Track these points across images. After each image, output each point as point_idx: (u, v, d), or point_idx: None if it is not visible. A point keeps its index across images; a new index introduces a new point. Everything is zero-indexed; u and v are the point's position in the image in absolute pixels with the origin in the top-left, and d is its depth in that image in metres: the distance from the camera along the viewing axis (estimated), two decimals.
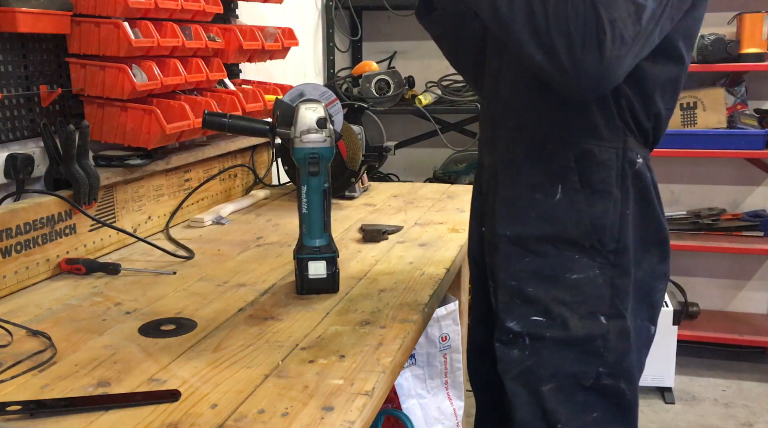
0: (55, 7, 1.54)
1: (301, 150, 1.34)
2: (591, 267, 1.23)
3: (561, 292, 1.24)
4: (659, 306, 1.34)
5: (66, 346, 1.16)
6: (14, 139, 1.55)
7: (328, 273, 1.38)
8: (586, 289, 1.23)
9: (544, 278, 1.26)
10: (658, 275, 1.32)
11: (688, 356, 3.57)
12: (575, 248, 1.24)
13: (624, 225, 1.24)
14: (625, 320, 1.24)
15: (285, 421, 0.93)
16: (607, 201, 1.23)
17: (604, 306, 1.23)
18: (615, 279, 1.24)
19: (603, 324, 1.23)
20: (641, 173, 1.25)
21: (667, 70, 1.22)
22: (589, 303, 1.23)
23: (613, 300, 1.24)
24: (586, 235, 1.23)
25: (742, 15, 3.22)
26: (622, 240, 1.23)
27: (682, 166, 3.68)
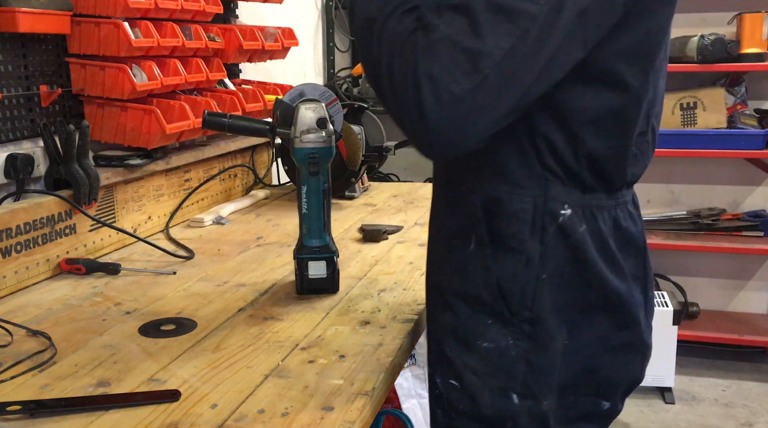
0: (55, 7, 1.54)
1: (301, 150, 1.34)
2: (503, 336, 1.04)
3: (473, 360, 1.07)
4: (620, 381, 1.11)
5: (66, 346, 1.16)
6: (14, 139, 1.55)
7: (328, 273, 1.38)
8: (497, 362, 1.05)
9: (459, 340, 1.09)
10: (614, 346, 1.08)
11: (688, 356, 3.58)
12: (487, 311, 1.05)
13: (540, 291, 1.02)
14: (541, 403, 1.05)
15: (285, 421, 0.93)
16: (517, 261, 1.03)
17: (516, 384, 1.05)
18: (530, 353, 1.04)
19: (515, 404, 1.05)
20: (569, 227, 1.02)
21: (601, 100, 0.98)
22: (500, 378, 1.05)
23: (527, 379, 1.05)
24: (494, 299, 1.04)
25: (742, 15, 3.23)
26: (537, 308, 1.03)
27: (682, 166, 3.68)
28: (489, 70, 0.87)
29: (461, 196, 1.08)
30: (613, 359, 1.09)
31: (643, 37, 0.99)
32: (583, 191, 1.03)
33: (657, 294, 3.35)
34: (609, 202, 1.06)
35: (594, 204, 1.04)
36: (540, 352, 1.04)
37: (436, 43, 0.88)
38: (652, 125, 1.08)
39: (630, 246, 1.09)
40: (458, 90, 0.87)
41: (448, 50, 0.87)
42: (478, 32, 0.87)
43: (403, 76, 0.89)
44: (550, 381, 1.06)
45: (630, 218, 1.10)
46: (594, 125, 1.00)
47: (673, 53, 3.30)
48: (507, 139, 1.00)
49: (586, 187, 1.03)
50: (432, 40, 0.89)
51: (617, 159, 1.03)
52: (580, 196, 1.03)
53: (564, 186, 1.02)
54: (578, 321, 1.05)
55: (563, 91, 0.96)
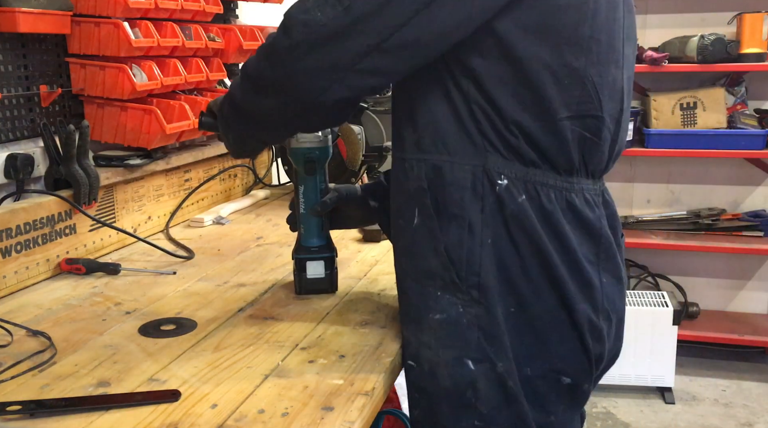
0: (55, 7, 1.54)
1: (297, 150, 1.34)
2: (454, 305, 1.07)
3: (426, 335, 1.10)
4: (575, 358, 1.11)
5: (66, 346, 1.16)
6: (14, 139, 1.55)
7: (326, 274, 1.38)
8: (450, 331, 1.08)
9: (411, 320, 1.13)
10: (558, 322, 1.09)
11: (688, 356, 3.58)
12: (436, 283, 1.08)
13: (484, 257, 1.05)
14: (495, 365, 1.07)
15: (285, 421, 0.93)
16: (461, 228, 1.06)
17: (470, 350, 1.07)
18: (481, 318, 1.06)
19: (471, 370, 1.07)
20: (506, 198, 1.05)
21: (498, 70, 1.02)
22: (454, 347, 1.08)
23: (480, 344, 1.07)
24: (444, 267, 1.07)
25: (742, 15, 3.23)
26: (483, 273, 1.05)
27: (682, 166, 3.68)
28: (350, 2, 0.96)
29: (405, 173, 1.11)
30: (563, 335, 1.10)
31: (546, 13, 1.00)
32: (524, 164, 1.05)
33: (657, 294, 3.35)
34: (560, 183, 1.08)
35: (538, 180, 1.06)
36: (489, 318, 1.07)
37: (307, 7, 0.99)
38: (613, 116, 1.10)
39: (584, 231, 1.10)
40: (324, 18, 0.96)
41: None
42: None
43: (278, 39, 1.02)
44: (503, 344, 1.07)
45: (587, 205, 1.11)
46: (510, 95, 1.02)
47: (673, 53, 3.30)
48: (446, 109, 1.05)
49: (526, 161, 1.05)
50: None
51: (553, 137, 1.05)
52: (521, 168, 1.05)
53: (503, 158, 1.05)
54: (525, 292, 1.07)
55: (468, 56, 1.01)
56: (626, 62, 1.12)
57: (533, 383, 1.10)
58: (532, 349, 1.09)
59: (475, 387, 1.08)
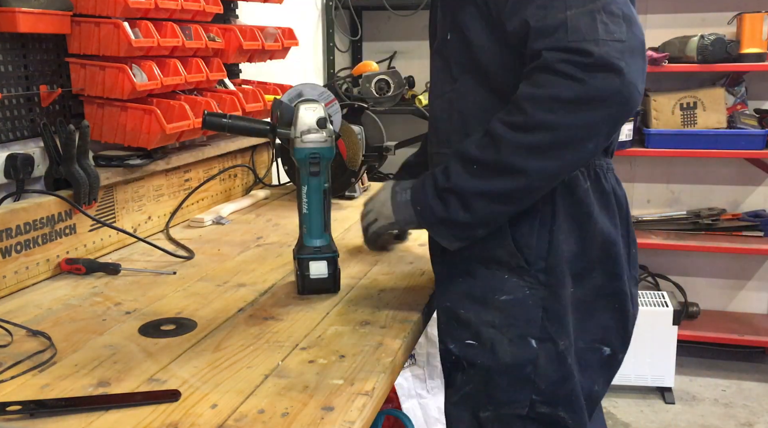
0: (55, 7, 1.54)
1: (301, 150, 1.34)
2: (520, 287, 1.16)
3: (491, 315, 1.18)
4: (616, 326, 1.23)
5: (66, 346, 1.16)
6: (14, 139, 1.55)
7: (329, 273, 1.38)
8: (515, 311, 1.16)
9: (475, 299, 1.20)
10: (608, 293, 1.21)
11: (688, 356, 3.58)
12: (503, 268, 1.17)
13: (553, 242, 1.15)
14: (557, 344, 1.16)
15: (285, 421, 0.93)
16: (532, 217, 1.15)
17: (534, 329, 1.15)
18: (546, 300, 1.16)
19: (533, 348, 1.15)
20: (573, 185, 1.16)
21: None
22: (518, 326, 1.16)
23: (544, 323, 1.15)
24: (511, 255, 1.16)
25: (742, 15, 3.22)
26: (552, 258, 1.15)
27: (682, 166, 3.68)
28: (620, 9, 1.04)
29: None
30: (606, 305, 1.21)
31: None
32: None
33: (657, 294, 3.35)
34: (609, 165, 1.21)
35: (597, 163, 1.18)
36: (554, 299, 1.15)
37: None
38: None
39: (620, 208, 1.22)
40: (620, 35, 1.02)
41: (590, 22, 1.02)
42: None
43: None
44: (565, 324, 1.16)
45: (617, 182, 1.24)
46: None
47: (673, 53, 3.30)
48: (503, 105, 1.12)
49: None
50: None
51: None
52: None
53: None
54: (581, 271, 1.17)
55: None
56: None
57: (583, 355, 1.19)
58: (582, 323, 1.18)
59: (536, 364, 1.15)
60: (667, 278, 3.72)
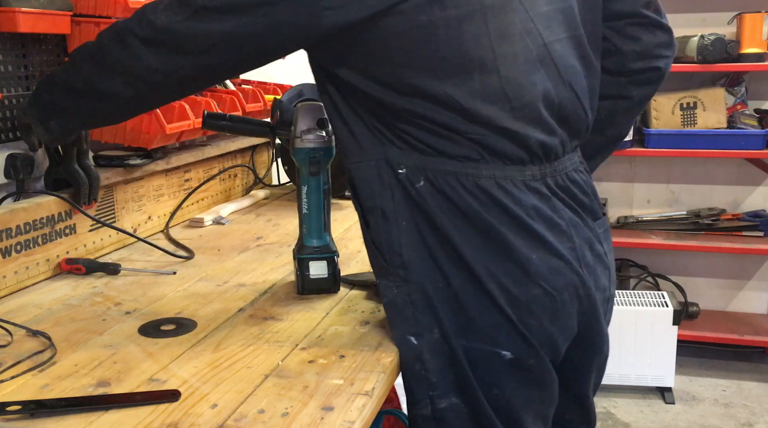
0: (55, 7, 1.54)
1: (301, 150, 1.34)
2: (389, 288, 1.17)
3: (388, 320, 1.19)
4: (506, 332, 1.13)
5: (66, 346, 1.16)
6: (14, 139, 1.55)
7: (329, 273, 1.39)
8: (391, 313, 1.17)
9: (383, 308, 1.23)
10: (476, 295, 1.13)
11: (688, 356, 3.58)
12: (379, 272, 1.19)
13: (403, 237, 1.14)
14: (432, 334, 1.14)
15: (285, 421, 0.93)
16: (378, 216, 1.16)
17: (409, 326, 1.15)
18: (411, 294, 1.15)
19: (414, 344, 1.15)
20: (408, 184, 1.13)
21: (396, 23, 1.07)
22: (397, 326, 1.16)
23: (416, 317, 1.14)
24: (374, 256, 1.18)
25: (742, 15, 3.23)
26: (406, 253, 1.14)
27: (682, 166, 3.68)
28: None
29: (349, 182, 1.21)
30: (484, 308, 1.13)
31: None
32: (422, 154, 1.13)
33: (657, 294, 3.35)
34: (456, 169, 1.12)
35: (436, 168, 1.12)
36: (419, 292, 1.14)
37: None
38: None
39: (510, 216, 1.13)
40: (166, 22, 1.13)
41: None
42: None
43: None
44: (436, 315, 1.14)
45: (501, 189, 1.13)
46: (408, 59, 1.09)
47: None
48: (352, 113, 1.15)
49: (420, 150, 1.13)
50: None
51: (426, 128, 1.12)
52: (419, 157, 1.13)
53: (399, 149, 1.14)
54: (447, 268, 1.13)
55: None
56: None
57: (472, 354, 1.14)
58: (462, 322, 1.14)
59: (422, 359, 1.15)
60: (667, 278, 3.72)
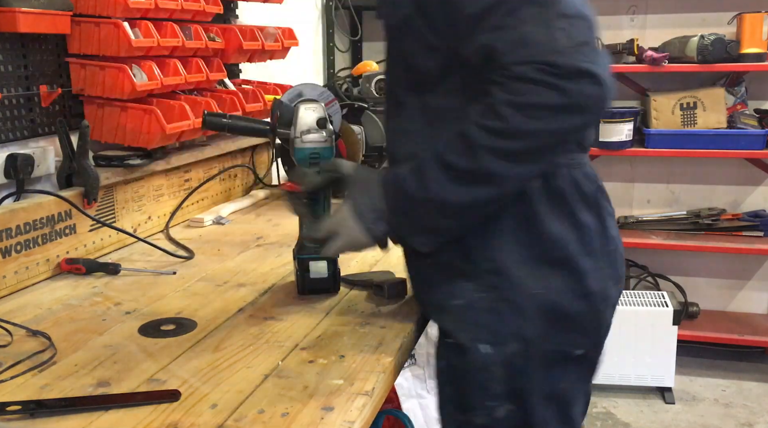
0: (55, 7, 1.54)
1: (301, 150, 1.34)
2: (470, 291, 1.13)
3: (448, 321, 1.17)
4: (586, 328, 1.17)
5: (66, 346, 1.16)
6: (14, 139, 1.55)
7: (329, 273, 1.38)
8: (466, 316, 1.14)
9: (436, 306, 1.20)
10: (577, 296, 1.14)
11: (688, 356, 3.57)
12: (455, 271, 1.15)
13: (499, 243, 1.12)
14: (509, 347, 1.12)
15: (285, 421, 0.93)
16: None
17: (485, 334, 1.13)
18: (495, 302, 1.12)
19: (484, 353, 1.13)
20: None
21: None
22: (470, 331, 1.14)
23: (496, 327, 1.12)
24: (459, 256, 1.14)
25: (742, 15, 3.22)
26: (500, 259, 1.12)
27: (682, 166, 3.68)
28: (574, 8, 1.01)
29: None
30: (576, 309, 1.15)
31: None
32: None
33: (657, 294, 3.35)
34: (576, 160, 1.16)
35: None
36: (505, 301, 1.12)
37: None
38: None
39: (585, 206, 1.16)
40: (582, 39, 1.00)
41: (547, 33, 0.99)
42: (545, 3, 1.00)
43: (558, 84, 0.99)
44: (518, 326, 1.12)
45: (586, 180, 1.17)
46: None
47: (673, 53, 3.30)
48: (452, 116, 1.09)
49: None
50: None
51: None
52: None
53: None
54: (537, 272, 1.12)
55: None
56: None
57: (548, 357, 1.14)
58: (554, 327, 1.13)
59: (490, 369, 1.13)
60: (667, 278, 3.72)
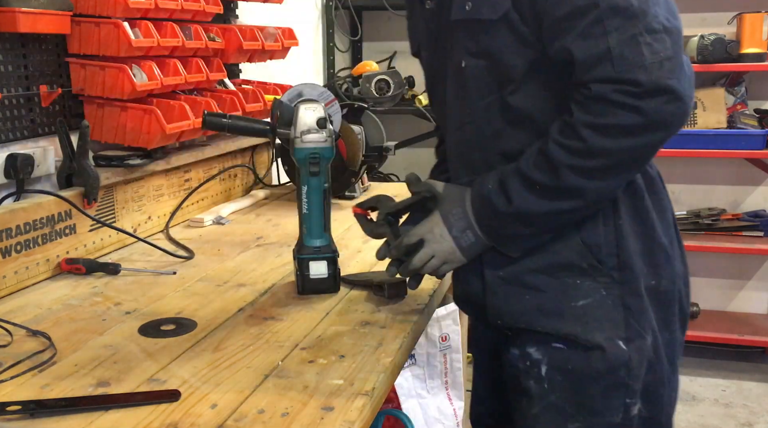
0: (55, 7, 1.54)
1: (301, 150, 1.34)
2: (596, 289, 1.13)
3: (570, 324, 1.13)
4: (683, 311, 1.22)
5: (66, 346, 1.16)
6: (14, 139, 1.55)
7: (329, 273, 1.38)
8: (596, 314, 1.12)
9: (549, 313, 1.15)
10: (673, 281, 1.19)
11: (688, 356, 3.56)
12: (574, 272, 1.13)
13: (621, 237, 1.13)
14: (646, 340, 1.14)
15: (285, 421, 0.93)
16: (594, 216, 1.13)
17: (620, 330, 1.12)
18: (625, 297, 1.13)
19: (624, 350, 1.12)
20: (636, 179, 1.15)
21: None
22: (603, 330, 1.12)
23: (628, 321, 1.13)
24: (581, 256, 1.13)
25: (742, 15, 3.22)
26: (623, 254, 1.13)
27: (682, 166, 3.68)
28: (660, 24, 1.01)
29: None
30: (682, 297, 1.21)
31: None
32: None
33: None
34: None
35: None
36: (633, 294, 1.13)
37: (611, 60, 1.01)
38: None
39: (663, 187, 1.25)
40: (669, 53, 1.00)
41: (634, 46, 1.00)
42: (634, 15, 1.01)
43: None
44: (649, 318, 1.14)
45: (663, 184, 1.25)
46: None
47: None
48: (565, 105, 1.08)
49: None
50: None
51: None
52: None
53: None
54: (654, 261, 1.15)
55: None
56: None
57: (668, 347, 1.18)
58: (668, 315, 1.17)
59: (629, 366, 1.12)
60: None
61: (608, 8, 1.01)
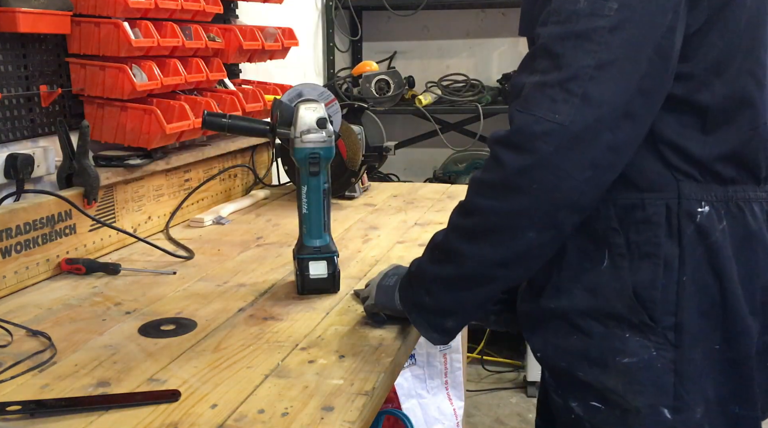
0: (55, 7, 1.54)
1: (301, 150, 1.34)
2: (645, 348, 1.00)
3: (612, 380, 1.02)
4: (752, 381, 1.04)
5: (66, 346, 1.16)
6: (14, 139, 1.55)
7: (329, 273, 1.39)
8: (641, 376, 1.00)
9: (593, 361, 1.04)
10: (735, 347, 1.02)
11: None
12: (623, 325, 1.01)
13: (682, 295, 0.99)
14: (695, 413, 1.00)
15: (285, 421, 0.93)
16: (655, 266, 1.00)
17: (667, 398, 1.00)
18: (677, 362, 0.99)
19: (668, 419, 1.00)
20: (707, 226, 0.99)
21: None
22: (647, 394, 1.00)
23: (677, 390, 0.99)
24: (632, 310, 1.01)
25: None
26: (682, 314, 0.99)
27: None
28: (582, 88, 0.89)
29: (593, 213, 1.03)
30: (761, 364, 1.05)
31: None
32: (723, 184, 1.01)
33: None
34: (758, 195, 1.04)
35: (740, 196, 1.02)
36: (687, 361, 1.00)
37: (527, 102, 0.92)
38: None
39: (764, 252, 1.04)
40: (567, 121, 0.89)
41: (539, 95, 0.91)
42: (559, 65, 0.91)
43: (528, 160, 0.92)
44: (702, 389, 1.01)
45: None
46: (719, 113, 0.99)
47: None
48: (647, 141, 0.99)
49: (724, 180, 1.01)
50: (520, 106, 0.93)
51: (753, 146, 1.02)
52: (722, 189, 1.01)
53: (698, 183, 1.00)
54: (719, 322, 1.01)
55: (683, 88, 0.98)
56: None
57: (740, 423, 1.04)
58: (739, 387, 1.03)
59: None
60: None
61: (543, 49, 0.94)
